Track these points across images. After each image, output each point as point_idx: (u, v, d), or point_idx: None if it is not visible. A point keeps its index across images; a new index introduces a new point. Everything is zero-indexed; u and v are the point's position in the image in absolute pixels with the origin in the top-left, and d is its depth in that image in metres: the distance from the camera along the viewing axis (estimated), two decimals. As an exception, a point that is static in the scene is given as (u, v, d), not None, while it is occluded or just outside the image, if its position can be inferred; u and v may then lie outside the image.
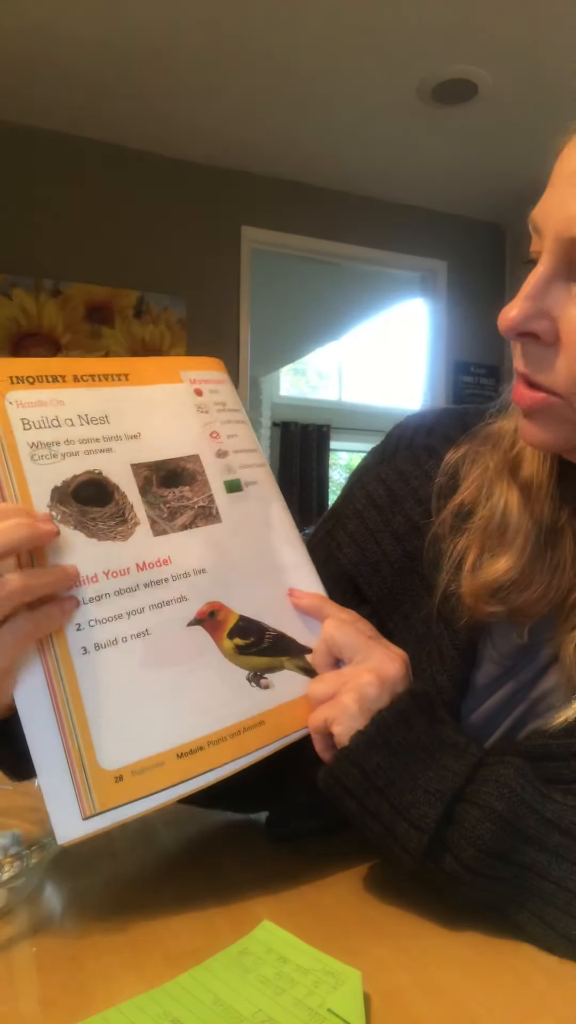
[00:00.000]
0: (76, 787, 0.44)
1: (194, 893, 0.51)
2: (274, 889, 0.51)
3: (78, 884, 0.52)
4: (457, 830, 0.45)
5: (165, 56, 2.55)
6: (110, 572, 0.47)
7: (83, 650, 0.45)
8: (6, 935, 0.46)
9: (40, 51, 2.53)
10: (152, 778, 0.45)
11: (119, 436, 0.51)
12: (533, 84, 2.63)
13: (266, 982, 0.40)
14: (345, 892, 0.51)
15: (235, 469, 0.55)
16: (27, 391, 0.49)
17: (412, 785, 0.46)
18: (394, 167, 3.33)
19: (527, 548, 0.53)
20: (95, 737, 0.44)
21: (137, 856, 0.56)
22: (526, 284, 0.46)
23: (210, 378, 0.57)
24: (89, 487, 0.49)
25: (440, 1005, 0.40)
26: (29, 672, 0.44)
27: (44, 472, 0.48)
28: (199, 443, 0.54)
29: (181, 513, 0.51)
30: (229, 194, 3.31)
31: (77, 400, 0.50)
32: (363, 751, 0.46)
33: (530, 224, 0.48)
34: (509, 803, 0.45)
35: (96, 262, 3.08)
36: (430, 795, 0.46)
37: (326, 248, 3.55)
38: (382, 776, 0.46)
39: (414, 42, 2.47)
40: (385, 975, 0.42)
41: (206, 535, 0.52)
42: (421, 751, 0.47)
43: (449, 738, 0.48)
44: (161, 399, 0.54)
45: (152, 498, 0.51)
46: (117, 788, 0.44)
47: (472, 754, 0.48)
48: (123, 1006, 0.39)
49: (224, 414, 0.56)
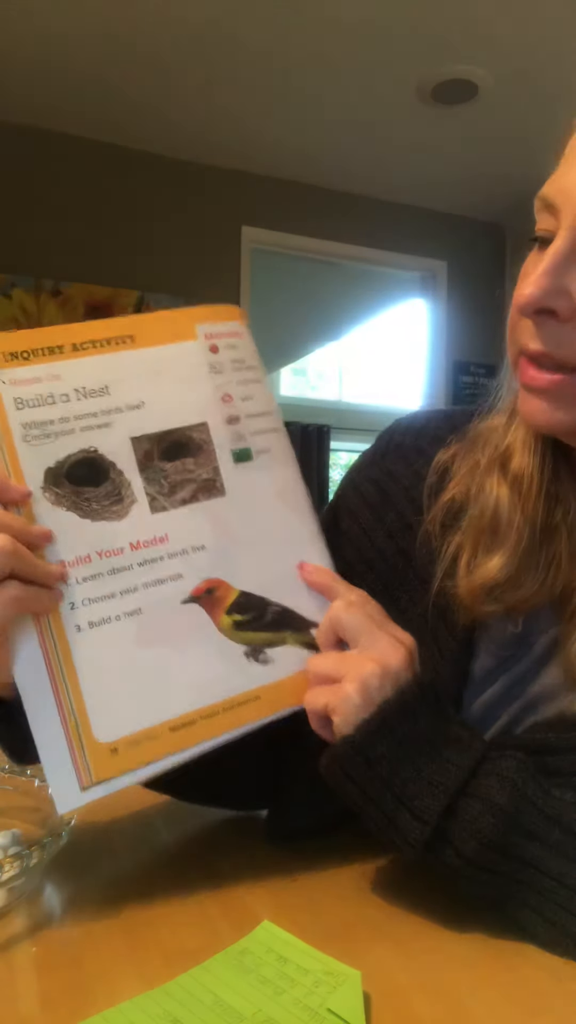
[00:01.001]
0: (74, 759, 0.45)
1: (194, 893, 0.51)
2: (274, 889, 0.51)
3: (78, 884, 0.52)
4: (459, 823, 0.45)
5: (165, 56, 2.55)
6: (103, 552, 0.48)
7: (77, 628, 0.47)
8: (6, 935, 0.46)
9: (40, 51, 2.53)
10: (146, 750, 0.47)
11: (119, 408, 0.49)
12: (533, 84, 2.62)
13: (266, 982, 0.40)
14: (345, 892, 0.51)
15: (246, 436, 0.53)
16: (23, 367, 0.47)
17: (416, 776, 0.46)
18: (394, 167, 3.33)
19: (520, 545, 0.53)
20: (90, 712, 0.46)
21: (137, 856, 0.56)
22: (544, 261, 0.46)
23: (228, 330, 0.54)
24: (83, 466, 0.48)
25: (440, 1005, 0.40)
26: (27, 650, 0.46)
27: (37, 453, 0.47)
28: (209, 409, 0.52)
29: (182, 487, 0.50)
30: (229, 194, 3.31)
31: (75, 372, 0.49)
32: (368, 740, 0.46)
33: (539, 201, 0.48)
34: (511, 797, 0.45)
35: (96, 262, 3.08)
36: (433, 787, 0.45)
37: (326, 248, 3.55)
38: (386, 766, 0.46)
39: (414, 42, 2.46)
40: (385, 975, 0.42)
41: (207, 509, 0.51)
42: (425, 743, 0.47)
43: (453, 732, 0.48)
44: (170, 361, 0.52)
45: (152, 473, 0.50)
46: (112, 760, 0.46)
47: (476, 749, 0.47)
48: (123, 1006, 0.39)
49: (240, 373, 0.53)
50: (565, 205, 0.46)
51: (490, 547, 0.54)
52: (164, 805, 0.65)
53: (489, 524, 0.54)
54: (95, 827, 0.60)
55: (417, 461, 0.61)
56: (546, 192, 0.48)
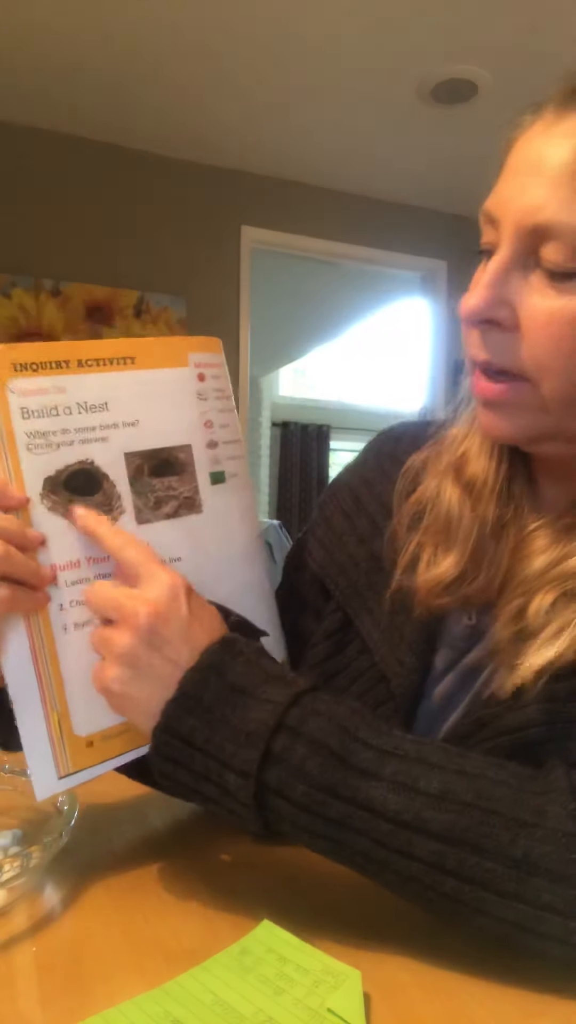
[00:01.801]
0: (54, 751, 0.49)
1: (194, 893, 0.51)
2: (274, 889, 0.51)
3: (78, 884, 0.52)
4: (283, 769, 0.43)
5: (165, 56, 2.55)
6: (91, 558, 0.51)
7: (64, 628, 0.50)
8: (6, 935, 0.46)
9: (40, 51, 2.53)
10: (117, 743, 0.52)
11: (117, 424, 0.52)
12: (533, 84, 2.62)
13: (266, 982, 0.40)
14: (345, 892, 0.51)
15: (221, 461, 0.57)
16: (29, 379, 0.50)
17: (232, 733, 0.44)
18: (394, 167, 3.33)
19: (470, 544, 0.56)
20: (71, 708, 0.50)
21: (137, 856, 0.56)
22: (486, 273, 0.48)
23: (212, 361, 0.58)
24: (79, 476, 0.51)
25: (440, 1005, 0.40)
26: (16, 647, 0.49)
27: (39, 461, 0.50)
28: (193, 432, 0.56)
29: (166, 503, 0.54)
30: (229, 194, 3.31)
31: (79, 387, 0.51)
32: (176, 718, 0.45)
33: (482, 216, 0.50)
34: (336, 734, 0.44)
35: (96, 262, 3.08)
36: (249, 736, 0.44)
37: (326, 248, 3.55)
38: (200, 735, 0.45)
39: (414, 42, 2.46)
40: (385, 975, 0.42)
41: (186, 525, 0.55)
42: (236, 695, 0.45)
43: (271, 670, 0.47)
44: (164, 384, 0.55)
45: (141, 487, 0.53)
46: (88, 752, 0.50)
47: (294, 682, 0.46)
48: (123, 1006, 0.39)
49: (220, 402, 0.58)
50: (505, 217, 0.47)
51: (446, 546, 0.57)
52: (164, 806, 0.65)
53: (443, 525, 0.57)
54: (95, 827, 0.60)
55: (392, 469, 0.64)
56: (487, 206, 0.49)
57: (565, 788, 0.42)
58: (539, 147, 0.47)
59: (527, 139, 0.49)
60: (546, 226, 0.45)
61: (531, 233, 0.46)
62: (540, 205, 0.45)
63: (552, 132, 0.47)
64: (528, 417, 0.50)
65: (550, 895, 0.40)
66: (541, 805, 0.41)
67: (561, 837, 0.40)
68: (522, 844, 0.40)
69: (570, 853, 0.40)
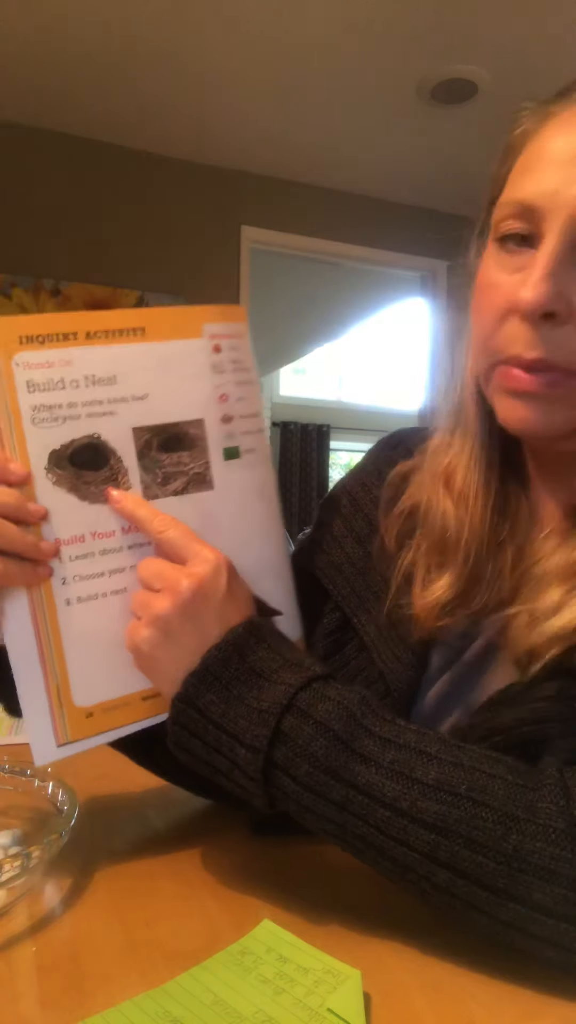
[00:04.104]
0: (53, 720, 0.50)
1: (194, 893, 0.51)
2: (274, 889, 0.51)
3: (78, 884, 0.52)
4: (290, 747, 0.45)
5: (165, 56, 2.55)
6: (97, 533, 0.51)
7: (67, 602, 0.50)
8: (6, 935, 0.46)
9: (40, 51, 2.53)
10: (118, 715, 0.52)
11: (125, 398, 0.51)
12: (533, 84, 2.62)
13: (266, 982, 0.40)
14: (345, 892, 0.51)
15: (236, 436, 0.55)
16: (36, 351, 0.49)
17: (246, 710, 0.46)
18: (394, 167, 3.33)
19: (468, 563, 0.56)
20: (72, 679, 0.50)
21: (137, 856, 0.56)
22: (540, 266, 0.47)
23: (231, 331, 0.56)
24: (86, 451, 0.50)
25: (440, 1005, 0.40)
26: (18, 618, 0.49)
27: (44, 435, 0.49)
28: (206, 406, 0.54)
29: (175, 479, 0.53)
30: (229, 194, 3.31)
31: (86, 359, 0.50)
32: (196, 691, 0.47)
33: (511, 207, 0.50)
34: (342, 717, 0.45)
35: (96, 262, 3.08)
36: (262, 714, 0.45)
37: (326, 248, 3.55)
38: (216, 709, 0.46)
39: (414, 42, 2.46)
40: (385, 975, 0.42)
41: (196, 502, 0.54)
42: (254, 676, 0.47)
43: (289, 656, 0.48)
44: (176, 357, 0.53)
45: (149, 463, 0.52)
46: (87, 722, 0.51)
47: (310, 668, 0.47)
48: (123, 1006, 0.39)
49: (237, 374, 0.56)
50: (554, 208, 0.47)
51: (441, 565, 0.57)
52: (164, 805, 0.65)
53: (438, 542, 0.57)
54: (95, 827, 0.60)
55: (387, 471, 0.65)
56: (526, 197, 0.49)
57: (556, 785, 0.42)
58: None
59: (559, 130, 0.49)
60: None
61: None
62: None
63: None
64: (566, 411, 0.49)
65: (540, 894, 0.39)
66: (533, 801, 0.41)
67: (551, 834, 0.40)
68: (513, 839, 0.40)
69: (560, 850, 0.40)
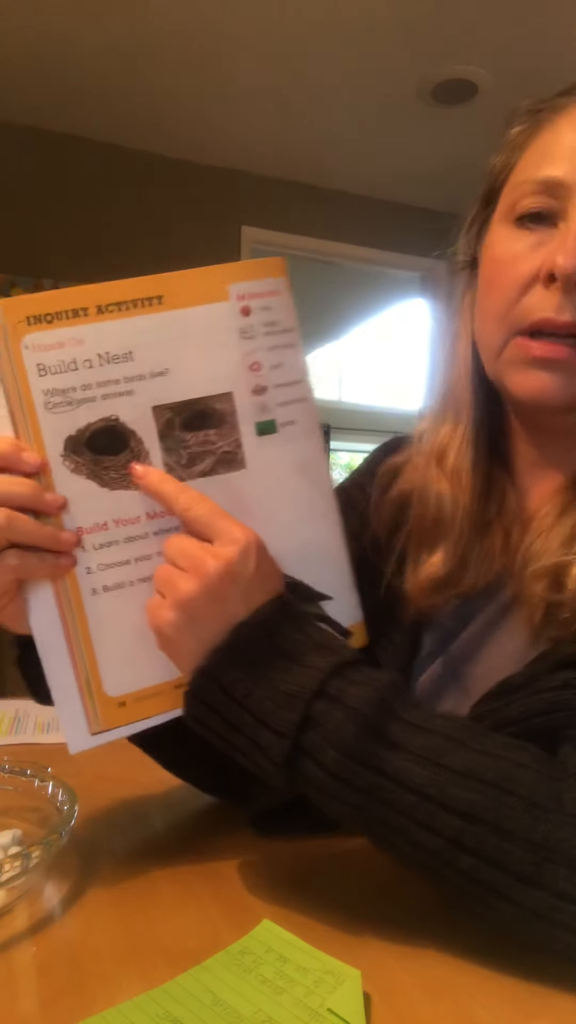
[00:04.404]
0: (85, 709, 0.49)
1: (194, 893, 0.51)
2: (274, 889, 0.51)
3: (78, 884, 0.52)
4: (318, 732, 0.43)
5: (165, 56, 2.55)
6: (120, 520, 0.49)
7: (92, 591, 0.49)
8: (6, 935, 0.46)
9: (40, 51, 2.53)
10: (150, 705, 0.50)
11: (143, 375, 0.48)
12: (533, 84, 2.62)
13: (266, 982, 0.40)
14: (345, 892, 0.51)
15: (271, 408, 0.51)
16: (45, 332, 0.46)
17: (273, 692, 0.44)
18: (394, 167, 3.33)
19: (460, 540, 0.57)
20: (102, 669, 0.49)
21: (137, 856, 0.56)
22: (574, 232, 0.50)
23: (263, 289, 0.51)
24: (104, 435, 0.48)
25: (440, 1005, 0.40)
26: (44, 609, 0.48)
27: (58, 421, 0.47)
28: (235, 378, 0.50)
29: (201, 459, 0.50)
30: (229, 194, 3.31)
31: (99, 336, 0.47)
32: (221, 667, 0.45)
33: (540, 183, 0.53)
34: (373, 703, 0.43)
35: (96, 262, 3.07)
36: (290, 698, 0.44)
37: (326, 248, 3.55)
38: (240, 687, 0.45)
39: (414, 42, 2.46)
40: (385, 975, 0.42)
41: (225, 482, 0.50)
42: (283, 658, 0.45)
43: (318, 639, 0.47)
44: (198, 324, 0.49)
45: (171, 443, 0.49)
46: (120, 711, 0.50)
47: (340, 651, 0.46)
48: (123, 1006, 0.39)
49: (272, 338, 0.51)
50: None
51: (433, 543, 0.58)
52: (164, 805, 0.65)
53: (432, 519, 0.59)
54: (95, 827, 0.60)
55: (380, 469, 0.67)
56: (550, 175, 0.52)
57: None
58: None
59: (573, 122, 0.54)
60: None
61: None
62: None
63: None
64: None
65: (567, 883, 0.40)
66: (560, 792, 0.41)
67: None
68: (542, 828, 0.40)
69: None
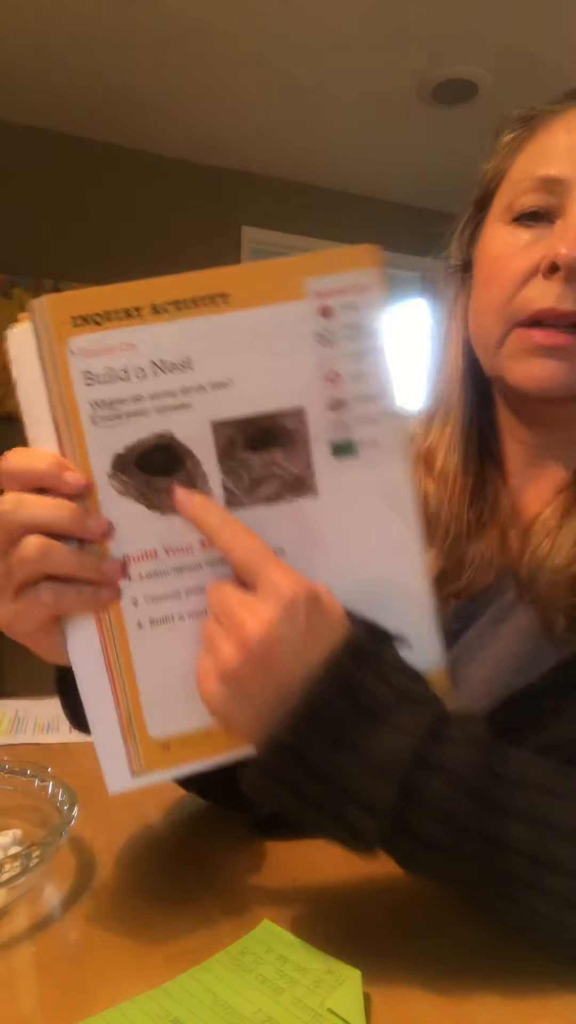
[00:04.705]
0: (127, 748, 0.45)
1: (194, 893, 0.51)
2: (274, 889, 0.51)
3: (78, 884, 0.52)
4: (420, 807, 0.39)
5: (165, 56, 2.55)
6: (171, 549, 0.44)
7: (138, 625, 0.44)
8: (6, 935, 0.46)
9: (40, 51, 2.53)
10: (197, 749, 0.45)
11: (202, 386, 0.43)
12: (533, 84, 2.62)
13: (266, 982, 0.40)
14: (345, 892, 0.51)
15: (350, 426, 0.44)
16: (93, 335, 0.41)
17: (361, 762, 0.39)
18: (394, 167, 3.33)
19: (448, 541, 0.57)
20: (145, 708, 0.45)
21: (137, 856, 0.56)
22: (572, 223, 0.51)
23: (349, 284, 0.44)
24: (156, 453, 0.43)
25: (440, 1005, 0.40)
26: (85, 641, 0.44)
27: (106, 436, 0.42)
28: (308, 391, 0.44)
29: (266, 483, 0.44)
30: (229, 194, 3.31)
31: (154, 341, 0.42)
32: (297, 735, 0.39)
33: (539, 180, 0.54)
34: (478, 767, 0.40)
35: (96, 262, 3.07)
36: (384, 770, 0.39)
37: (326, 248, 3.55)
38: (322, 759, 0.39)
39: (414, 42, 2.46)
40: (385, 975, 0.42)
41: (293, 510, 0.44)
42: (366, 717, 0.40)
43: (402, 687, 0.41)
44: (267, 328, 0.43)
45: (233, 464, 0.44)
46: (164, 755, 0.45)
47: (429, 705, 0.41)
48: (123, 1006, 0.39)
49: (355, 342, 0.44)
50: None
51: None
52: (164, 805, 0.65)
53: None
54: (95, 827, 0.60)
55: None
56: (549, 172, 0.53)
57: None
58: None
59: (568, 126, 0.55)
60: None
61: None
62: None
63: None
64: None
65: None
66: None
67: None
68: None
69: None
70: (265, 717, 0.40)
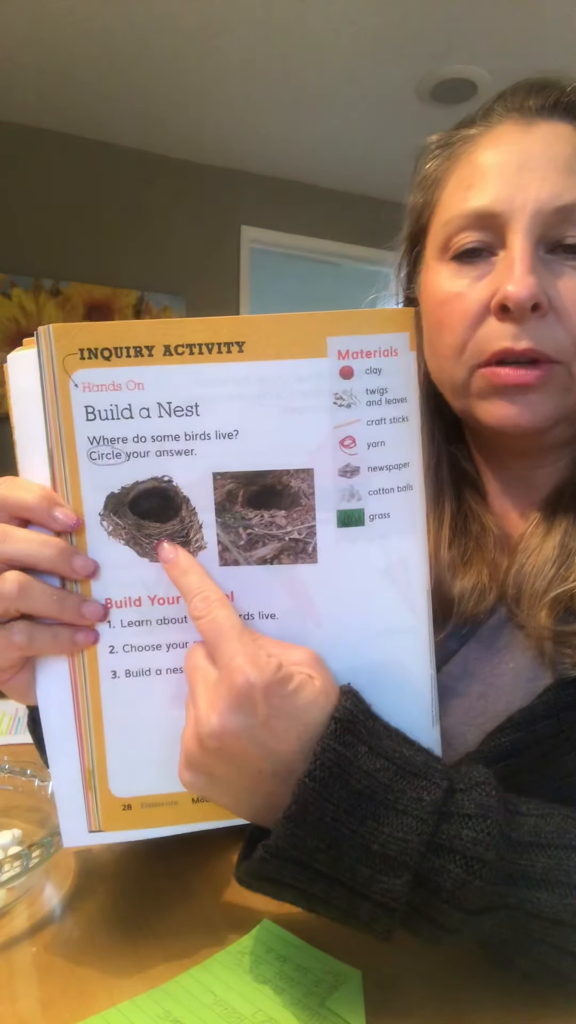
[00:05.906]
0: (86, 803, 0.43)
1: (194, 893, 0.51)
2: (274, 889, 0.51)
3: (78, 884, 0.52)
4: (436, 895, 0.36)
5: (165, 56, 2.55)
6: (156, 599, 0.42)
7: (113, 674, 0.42)
8: (6, 935, 0.46)
9: (40, 51, 2.53)
10: (162, 815, 0.44)
11: (208, 434, 0.41)
12: (533, 84, 2.62)
13: (266, 982, 0.40)
14: (345, 892, 0.51)
15: (361, 495, 0.42)
16: (100, 369, 0.40)
17: (364, 855, 0.36)
18: (394, 167, 3.33)
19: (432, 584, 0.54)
20: (110, 764, 0.43)
21: (137, 856, 0.56)
22: (521, 262, 0.49)
23: (375, 347, 0.41)
24: (152, 497, 0.41)
25: (440, 1005, 0.40)
26: (55, 684, 0.42)
27: (101, 474, 0.41)
28: (320, 453, 0.41)
29: (263, 543, 0.42)
30: (229, 194, 3.31)
31: (163, 382, 0.40)
32: (292, 841, 0.36)
33: (465, 220, 0.52)
34: (495, 848, 0.37)
35: (96, 262, 3.08)
36: (391, 862, 0.36)
37: (326, 248, 3.55)
38: (322, 858, 0.36)
39: (414, 42, 2.46)
40: (385, 975, 0.42)
41: (288, 575, 0.42)
42: (365, 802, 0.36)
43: (400, 759, 0.38)
44: (282, 382, 0.41)
45: (230, 519, 0.41)
46: (123, 815, 0.43)
47: (436, 781, 0.38)
48: (123, 1006, 0.39)
49: (376, 408, 0.42)
50: (516, 211, 0.50)
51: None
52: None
53: None
54: (95, 827, 0.60)
55: None
56: (481, 206, 0.51)
57: None
58: (527, 147, 0.51)
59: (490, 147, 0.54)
60: (571, 207, 0.49)
61: (555, 213, 0.49)
62: (558, 192, 0.49)
63: (533, 135, 0.52)
64: (557, 399, 0.51)
65: None
66: None
67: None
68: None
69: None
70: (244, 802, 0.39)
